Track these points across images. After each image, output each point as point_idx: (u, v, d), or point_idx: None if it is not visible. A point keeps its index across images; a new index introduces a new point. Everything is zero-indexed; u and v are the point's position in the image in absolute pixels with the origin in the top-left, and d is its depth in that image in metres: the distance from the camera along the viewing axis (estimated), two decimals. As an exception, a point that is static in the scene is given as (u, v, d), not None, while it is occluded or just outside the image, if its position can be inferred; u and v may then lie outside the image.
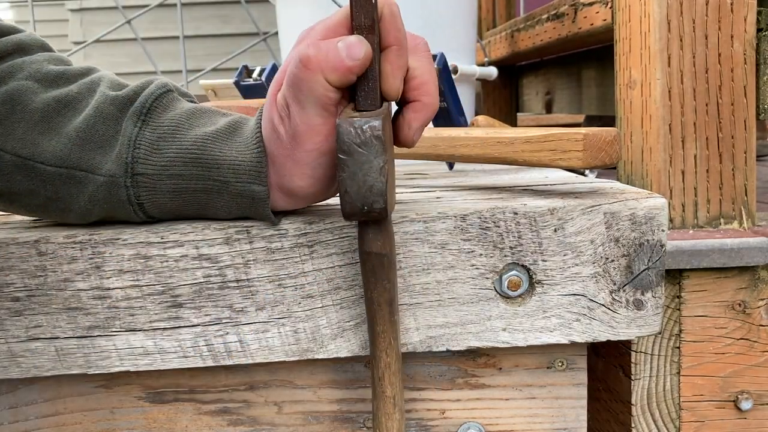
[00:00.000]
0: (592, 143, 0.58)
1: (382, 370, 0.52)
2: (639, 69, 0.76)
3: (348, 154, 0.46)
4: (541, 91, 1.65)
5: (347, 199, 0.46)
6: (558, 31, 1.18)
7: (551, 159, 0.60)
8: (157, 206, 0.55)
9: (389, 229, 0.51)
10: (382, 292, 0.51)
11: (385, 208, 0.47)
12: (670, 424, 0.71)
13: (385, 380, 0.52)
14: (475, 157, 0.67)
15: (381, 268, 0.50)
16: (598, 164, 0.59)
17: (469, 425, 0.63)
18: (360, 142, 0.45)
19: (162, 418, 0.62)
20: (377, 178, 0.46)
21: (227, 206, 0.54)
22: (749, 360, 0.70)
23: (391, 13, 0.49)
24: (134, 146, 0.53)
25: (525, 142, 0.62)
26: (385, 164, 0.46)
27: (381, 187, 0.46)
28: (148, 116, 0.54)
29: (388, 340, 0.52)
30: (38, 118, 0.55)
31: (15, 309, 0.55)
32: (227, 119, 0.55)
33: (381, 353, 0.52)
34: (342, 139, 0.46)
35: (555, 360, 0.62)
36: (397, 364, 0.53)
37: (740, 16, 0.71)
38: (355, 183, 0.46)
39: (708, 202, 0.73)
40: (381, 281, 0.51)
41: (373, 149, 0.45)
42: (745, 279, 0.69)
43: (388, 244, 0.50)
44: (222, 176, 0.53)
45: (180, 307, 0.55)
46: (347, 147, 0.46)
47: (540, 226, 0.56)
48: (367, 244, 0.50)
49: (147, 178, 0.53)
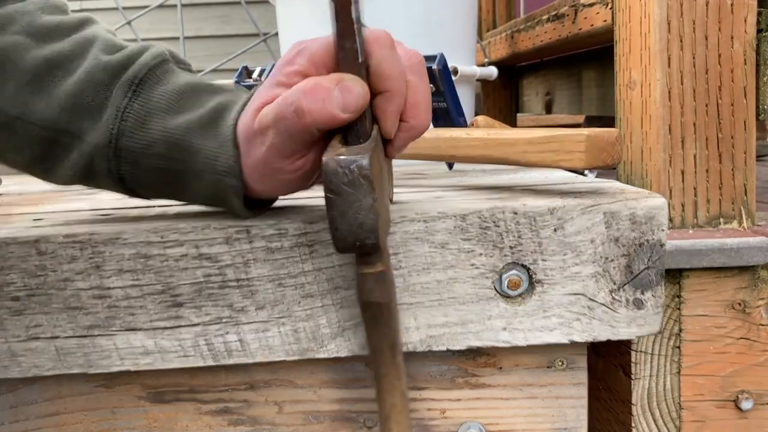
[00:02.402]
0: (594, 144, 0.59)
1: (387, 411, 0.52)
2: (639, 70, 0.76)
3: (336, 194, 0.44)
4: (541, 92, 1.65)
5: (338, 236, 0.45)
6: (558, 32, 1.18)
7: (554, 160, 0.61)
8: (136, 181, 0.55)
9: (388, 278, 0.50)
10: (383, 338, 0.51)
11: (377, 243, 0.46)
12: (670, 423, 0.71)
13: (392, 420, 0.52)
14: (477, 158, 0.67)
15: (380, 317, 0.50)
16: (600, 165, 0.59)
17: (470, 425, 0.63)
18: (348, 182, 0.44)
19: (162, 418, 0.62)
20: (367, 215, 0.44)
21: (204, 193, 0.54)
22: (749, 360, 0.70)
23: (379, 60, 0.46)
24: (121, 118, 0.53)
25: (527, 143, 0.62)
26: (374, 202, 0.44)
27: (372, 224, 0.45)
28: (139, 87, 0.53)
29: (392, 382, 0.51)
30: (29, 78, 0.54)
31: (15, 308, 0.55)
32: (213, 103, 0.54)
33: (385, 395, 0.52)
34: (329, 179, 0.44)
35: (555, 359, 0.62)
36: (403, 402, 0.52)
37: (740, 16, 0.71)
38: (346, 221, 0.45)
39: (708, 202, 0.73)
40: (381, 328, 0.50)
41: (362, 188, 0.44)
42: (745, 279, 0.69)
43: (387, 293, 0.50)
44: (200, 164, 0.52)
45: (180, 307, 0.55)
46: (335, 187, 0.44)
47: (540, 225, 0.56)
48: (365, 294, 0.49)
49: (129, 153, 0.53)
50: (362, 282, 0.49)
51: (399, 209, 0.57)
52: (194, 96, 0.54)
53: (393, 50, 0.47)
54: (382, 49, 0.47)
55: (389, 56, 0.47)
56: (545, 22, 1.25)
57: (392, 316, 0.51)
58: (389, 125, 0.49)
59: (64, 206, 0.72)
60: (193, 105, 0.53)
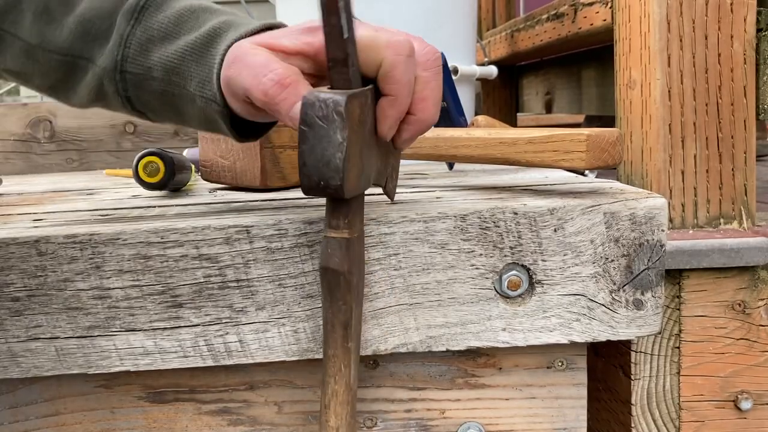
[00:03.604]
0: (595, 144, 0.58)
1: (328, 398, 0.50)
2: (639, 69, 0.76)
3: (309, 126, 0.45)
4: (541, 91, 1.65)
5: (305, 171, 0.45)
6: (558, 31, 1.18)
7: (554, 159, 0.60)
8: (142, 103, 0.58)
9: (356, 249, 0.49)
10: (337, 313, 0.49)
11: (341, 186, 0.45)
12: (669, 423, 0.71)
13: (330, 409, 0.49)
14: (477, 157, 0.67)
15: (337, 288, 0.49)
16: (601, 165, 0.59)
17: (469, 425, 0.63)
18: (321, 116, 0.45)
19: (162, 418, 0.62)
20: (335, 153, 0.45)
21: (197, 117, 0.56)
22: (749, 360, 0.70)
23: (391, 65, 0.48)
24: (125, 45, 0.56)
25: (528, 142, 0.62)
26: (344, 141, 0.45)
27: (338, 164, 0.45)
28: (141, 14, 0.56)
29: (338, 366, 0.49)
30: (42, 8, 0.58)
31: (15, 309, 0.55)
32: (209, 25, 0.55)
33: (329, 379, 0.49)
34: (305, 111, 0.45)
35: (555, 360, 0.62)
36: (346, 394, 0.50)
37: (740, 16, 0.71)
38: (313, 156, 0.45)
39: (708, 202, 0.73)
40: (336, 302, 0.49)
41: (334, 124, 0.45)
42: (745, 279, 0.69)
43: (348, 263, 0.49)
44: (192, 89, 0.55)
45: (180, 307, 0.55)
46: (309, 119, 0.45)
47: (540, 226, 0.56)
48: (325, 258, 0.49)
49: (133, 77, 0.56)
50: (325, 245, 0.49)
51: (399, 209, 0.57)
52: (192, 18, 0.56)
53: (409, 58, 0.49)
54: (396, 56, 0.48)
55: (402, 63, 0.48)
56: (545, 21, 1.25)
57: (350, 289, 0.49)
58: (386, 128, 0.50)
59: (64, 206, 0.72)
60: (191, 27, 0.56)
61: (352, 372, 0.50)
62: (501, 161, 0.65)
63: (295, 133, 0.73)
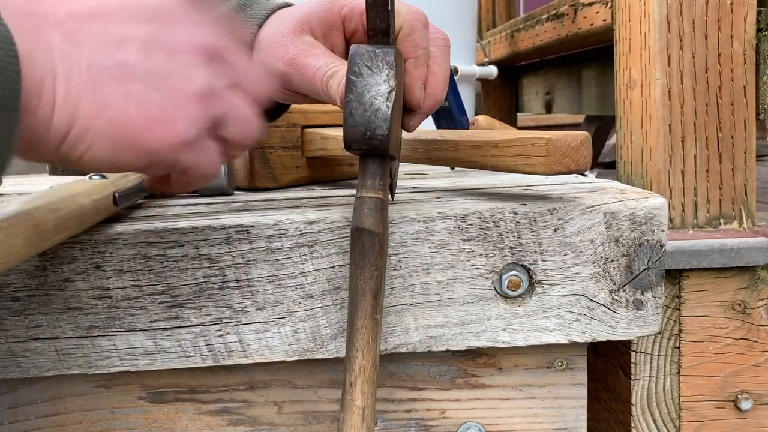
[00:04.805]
0: (555, 149, 0.55)
1: (355, 374, 0.46)
2: (639, 69, 0.76)
3: (358, 75, 0.46)
4: (541, 91, 1.65)
5: (351, 122, 0.45)
6: (558, 31, 1.18)
7: (517, 164, 0.58)
8: None
9: (386, 213, 0.49)
10: (368, 280, 0.47)
11: (387, 137, 0.45)
12: (669, 423, 0.71)
13: (357, 387, 0.46)
14: (450, 160, 0.65)
15: (372, 251, 0.47)
16: (563, 170, 0.56)
17: (469, 425, 0.63)
18: (371, 65, 0.46)
19: (162, 418, 0.62)
20: (384, 102, 0.45)
21: None
22: (749, 360, 0.70)
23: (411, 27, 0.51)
24: None
25: (493, 146, 0.60)
26: (392, 90, 0.45)
27: (386, 113, 0.45)
28: None
29: (367, 339, 0.46)
30: None
31: (15, 309, 0.55)
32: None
33: (357, 353, 0.46)
34: (354, 60, 0.46)
35: (555, 360, 0.62)
36: (373, 370, 0.46)
37: (740, 16, 0.71)
38: (361, 105, 0.45)
39: (708, 202, 0.73)
40: (369, 266, 0.47)
41: (384, 73, 0.46)
42: (745, 279, 0.69)
43: (382, 224, 0.48)
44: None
45: (180, 307, 0.55)
46: (358, 68, 0.46)
47: (540, 226, 0.56)
48: (360, 218, 0.47)
49: None
50: (360, 206, 0.48)
51: (399, 209, 0.57)
52: None
53: (425, 27, 0.52)
54: (416, 21, 0.52)
55: (420, 28, 0.52)
56: (545, 21, 1.25)
57: (383, 254, 0.48)
58: (417, 91, 0.52)
59: (63, 206, 0.72)
60: None
61: (377, 348, 0.47)
62: (470, 165, 0.62)
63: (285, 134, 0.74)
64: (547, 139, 0.56)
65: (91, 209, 0.51)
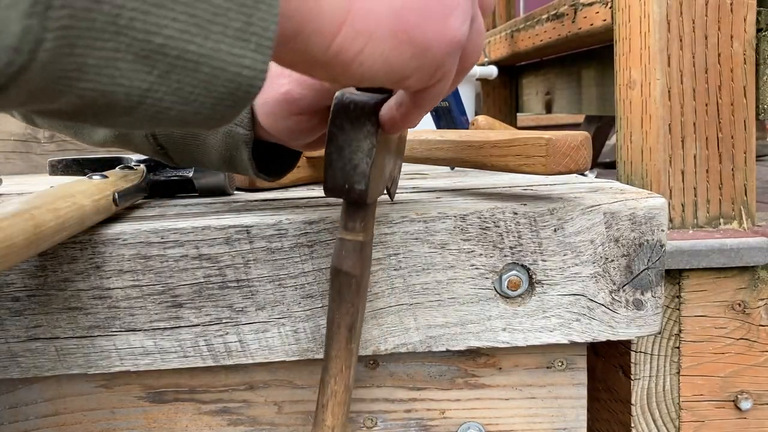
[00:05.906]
0: (555, 149, 0.56)
1: (327, 397, 0.50)
2: (639, 69, 0.76)
3: (339, 129, 0.45)
4: (541, 91, 1.65)
5: (330, 173, 0.45)
6: (558, 31, 1.18)
7: (516, 164, 0.58)
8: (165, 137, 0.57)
9: (366, 252, 0.49)
10: (344, 315, 0.49)
11: (365, 191, 0.45)
12: (669, 423, 0.71)
13: (328, 409, 0.50)
14: (449, 160, 0.65)
15: (348, 290, 0.49)
16: (563, 170, 0.57)
17: (469, 425, 0.63)
18: (353, 119, 0.44)
19: (162, 418, 0.62)
20: (363, 158, 0.45)
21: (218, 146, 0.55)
22: (749, 360, 0.70)
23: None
24: None
25: (493, 146, 0.60)
26: (373, 147, 0.45)
27: (365, 169, 0.45)
28: None
29: (340, 367, 0.49)
30: None
31: (15, 309, 0.55)
32: None
33: (330, 379, 0.50)
34: (336, 112, 0.45)
35: (555, 360, 0.62)
36: (345, 395, 0.50)
37: (740, 16, 0.71)
38: (341, 159, 0.45)
39: (708, 202, 0.73)
40: (345, 303, 0.49)
41: (365, 129, 0.44)
42: (745, 279, 0.69)
43: (361, 266, 0.49)
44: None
45: (180, 307, 0.55)
46: (339, 122, 0.45)
47: (540, 226, 0.56)
48: (338, 260, 0.48)
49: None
50: (339, 247, 0.48)
51: (399, 209, 0.57)
52: None
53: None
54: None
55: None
56: (545, 21, 1.25)
57: (360, 293, 0.49)
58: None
59: (63, 206, 0.72)
60: None
61: (351, 373, 0.50)
62: (470, 164, 0.63)
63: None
64: (547, 139, 0.56)
65: (91, 209, 0.51)
